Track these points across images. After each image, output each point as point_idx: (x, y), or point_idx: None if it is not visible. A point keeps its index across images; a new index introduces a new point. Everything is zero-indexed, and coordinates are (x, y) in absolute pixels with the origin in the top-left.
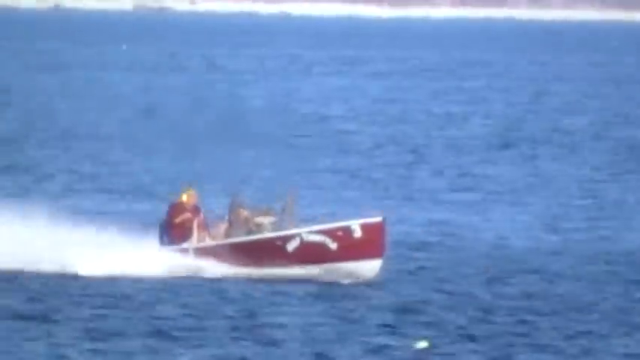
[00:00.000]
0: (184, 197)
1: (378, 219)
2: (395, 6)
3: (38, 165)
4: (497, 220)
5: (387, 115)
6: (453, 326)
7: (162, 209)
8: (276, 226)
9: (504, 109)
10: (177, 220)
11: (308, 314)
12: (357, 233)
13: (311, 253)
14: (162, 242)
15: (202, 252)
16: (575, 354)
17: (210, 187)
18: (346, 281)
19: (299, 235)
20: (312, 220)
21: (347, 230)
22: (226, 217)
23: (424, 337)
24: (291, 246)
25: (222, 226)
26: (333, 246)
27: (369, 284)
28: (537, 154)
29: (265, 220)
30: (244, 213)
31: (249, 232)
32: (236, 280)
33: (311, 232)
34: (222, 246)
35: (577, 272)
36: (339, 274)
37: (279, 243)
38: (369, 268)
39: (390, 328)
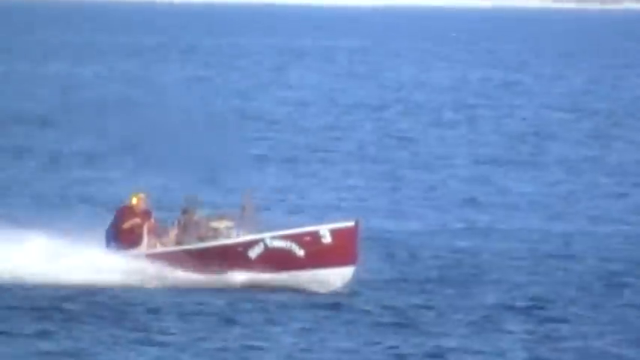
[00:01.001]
0: (134, 200)
1: (349, 224)
2: None
3: None
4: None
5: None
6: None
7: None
8: (233, 231)
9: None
10: (126, 225)
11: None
12: (327, 239)
13: (276, 260)
14: (109, 248)
15: (154, 259)
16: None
17: None
18: (316, 289)
19: (262, 240)
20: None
21: (315, 236)
22: (176, 222)
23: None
24: (254, 252)
25: (173, 232)
26: (300, 253)
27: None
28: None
29: (221, 225)
30: (195, 217)
31: (202, 238)
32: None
33: (275, 238)
34: (177, 252)
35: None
36: (306, 282)
37: (240, 249)
38: (339, 276)
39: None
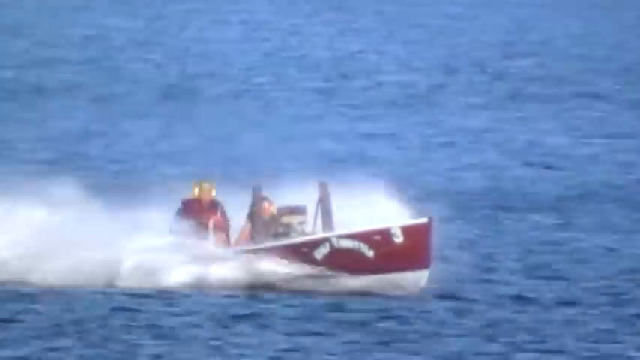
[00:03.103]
0: (195, 192)
1: (423, 220)
2: None
3: None
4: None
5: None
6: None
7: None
8: (305, 227)
9: None
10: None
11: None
12: (398, 238)
13: (343, 262)
14: None
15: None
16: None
17: None
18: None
19: (328, 239)
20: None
21: (386, 234)
22: (247, 216)
23: None
24: (320, 253)
25: (247, 227)
26: (370, 253)
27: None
28: None
29: (294, 220)
30: (270, 209)
31: (277, 235)
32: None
33: (342, 237)
34: (236, 252)
35: None
36: (375, 286)
37: (304, 250)
38: (413, 280)
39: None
